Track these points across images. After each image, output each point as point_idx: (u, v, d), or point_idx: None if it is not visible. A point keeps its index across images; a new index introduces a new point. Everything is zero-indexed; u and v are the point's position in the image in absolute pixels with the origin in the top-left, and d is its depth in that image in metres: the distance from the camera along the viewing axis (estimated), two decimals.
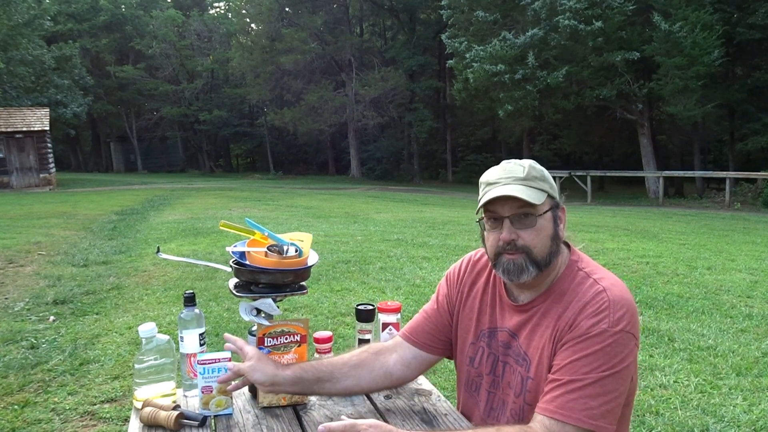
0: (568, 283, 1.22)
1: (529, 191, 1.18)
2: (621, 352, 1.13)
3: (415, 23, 30.96)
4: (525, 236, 1.19)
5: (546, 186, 1.22)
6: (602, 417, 1.10)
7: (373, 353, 1.39)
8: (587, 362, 1.12)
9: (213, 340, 3.80)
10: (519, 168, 1.22)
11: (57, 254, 7.12)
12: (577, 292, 1.20)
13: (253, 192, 19.23)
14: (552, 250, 1.22)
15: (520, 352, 1.26)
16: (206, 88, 36.56)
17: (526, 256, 1.19)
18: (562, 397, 1.11)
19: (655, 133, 22.15)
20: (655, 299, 4.98)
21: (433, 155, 32.68)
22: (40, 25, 24.80)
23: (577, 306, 1.18)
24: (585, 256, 1.30)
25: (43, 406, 2.96)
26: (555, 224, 1.23)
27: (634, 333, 1.16)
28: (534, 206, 1.18)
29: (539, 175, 1.22)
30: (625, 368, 1.13)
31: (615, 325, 1.13)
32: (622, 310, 1.15)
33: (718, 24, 16.91)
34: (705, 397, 3.07)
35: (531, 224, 1.19)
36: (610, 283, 1.19)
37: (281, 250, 1.40)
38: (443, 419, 1.35)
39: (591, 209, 15.86)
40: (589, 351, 1.12)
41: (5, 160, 20.82)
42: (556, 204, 1.24)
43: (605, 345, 1.12)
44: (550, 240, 1.21)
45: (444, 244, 7.78)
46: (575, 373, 1.12)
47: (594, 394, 1.10)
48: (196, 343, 1.45)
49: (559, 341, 1.18)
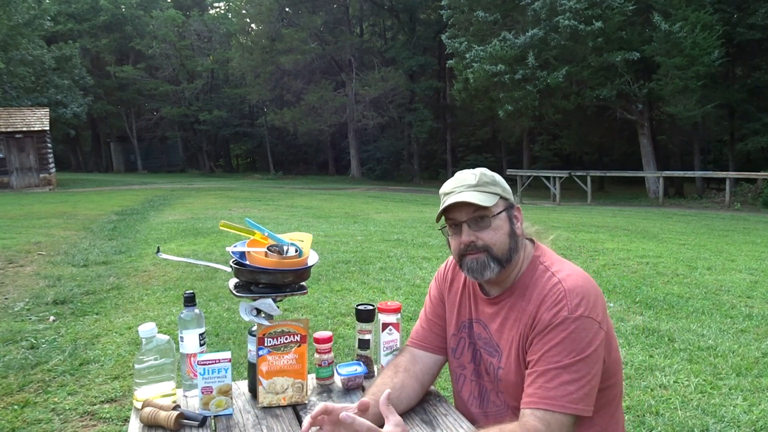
0: (530, 278, 1.32)
1: (480, 195, 1.29)
2: (586, 336, 1.21)
3: (415, 23, 30.96)
4: (483, 236, 1.30)
5: (498, 189, 1.33)
6: (581, 400, 1.18)
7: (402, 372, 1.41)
8: (557, 351, 1.20)
9: (213, 341, 3.80)
10: (471, 176, 1.33)
11: (57, 254, 7.12)
12: (537, 286, 1.29)
13: (253, 192, 19.23)
14: (511, 247, 1.32)
15: (491, 343, 1.36)
16: (206, 88, 36.56)
17: (488, 254, 1.30)
18: (542, 388, 1.19)
19: (655, 133, 22.14)
20: (655, 299, 4.98)
21: (433, 155, 32.68)
22: (40, 25, 24.80)
23: (537, 299, 1.27)
24: (548, 250, 1.39)
25: (43, 406, 2.95)
26: (511, 223, 1.33)
27: (594, 317, 1.22)
28: (487, 208, 1.29)
29: (490, 180, 1.33)
30: (593, 352, 1.21)
31: (574, 311, 1.21)
32: (578, 298, 1.23)
33: (718, 24, 16.89)
34: (705, 397, 3.07)
35: (487, 225, 1.30)
36: (566, 274, 1.28)
37: (281, 250, 1.40)
38: (443, 419, 1.35)
39: (591, 209, 15.87)
40: (557, 340, 1.21)
41: (5, 160, 20.82)
42: (510, 205, 1.35)
43: (569, 332, 1.20)
44: (507, 237, 1.32)
45: (444, 245, 7.76)
46: (548, 362, 1.20)
47: (570, 380, 1.19)
48: (196, 343, 1.45)
49: (527, 338, 1.27)
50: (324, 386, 1.52)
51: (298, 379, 1.40)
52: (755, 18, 17.30)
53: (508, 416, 1.31)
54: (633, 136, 21.87)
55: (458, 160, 30.86)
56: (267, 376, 1.38)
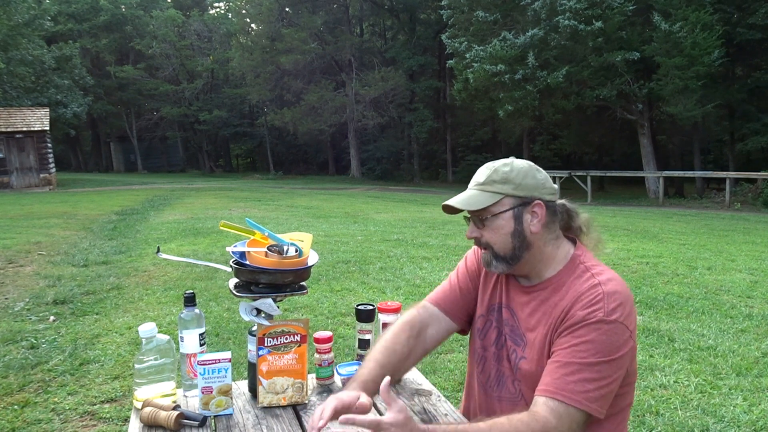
0: (568, 276, 1.30)
1: (479, 196, 1.29)
2: (617, 341, 1.19)
3: (415, 23, 30.94)
4: (485, 234, 1.32)
5: (506, 188, 1.29)
6: (596, 400, 1.17)
7: (415, 336, 1.40)
8: (585, 348, 1.19)
9: (213, 340, 3.80)
10: (486, 171, 1.32)
11: (57, 254, 7.12)
12: (575, 284, 1.27)
13: (253, 192, 19.23)
14: (515, 246, 1.30)
15: (518, 331, 1.34)
16: (206, 88, 36.54)
17: (491, 251, 1.32)
18: (561, 379, 1.18)
19: (655, 133, 22.13)
20: (655, 299, 4.98)
21: (433, 155, 32.67)
22: (40, 25, 24.79)
23: (573, 296, 1.25)
24: (589, 252, 1.36)
25: (43, 406, 2.95)
26: (517, 222, 1.29)
27: (628, 325, 1.21)
28: (483, 210, 1.29)
29: (499, 179, 1.30)
30: (620, 357, 1.19)
31: (610, 315, 1.19)
32: (616, 302, 1.21)
33: (718, 24, 16.89)
34: (705, 397, 3.07)
35: (488, 224, 1.30)
36: (607, 278, 1.25)
37: (281, 250, 1.40)
38: (443, 419, 1.35)
39: (591, 209, 15.86)
40: (587, 338, 1.19)
41: (5, 160, 20.82)
42: (523, 202, 1.29)
43: (601, 333, 1.19)
44: (510, 237, 1.29)
45: (444, 244, 7.78)
46: (574, 356, 1.19)
47: (590, 378, 1.17)
48: (196, 343, 1.45)
49: (555, 330, 1.25)
50: (324, 386, 1.52)
51: (298, 379, 1.40)
52: (755, 18, 17.29)
53: (521, 406, 1.30)
54: (633, 136, 21.87)
55: (458, 160, 30.85)
56: (267, 376, 1.38)
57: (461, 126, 30.88)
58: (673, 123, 20.60)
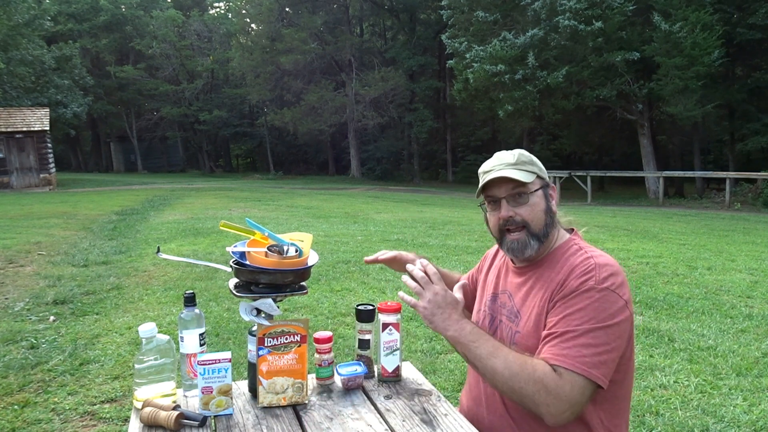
0: (562, 254, 1.38)
1: (519, 173, 1.35)
2: (609, 308, 1.23)
3: (415, 23, 30.95)
4: (521, 212, 1.37)
5: (535, 168, 1.39)
6: (595, 367, 1.20)
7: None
8: (578, 316, 1.23)
9: (213, 341, 3.80)
10: (509, 155, 1.40)
11: (57, 254, 7.12)
12: (569, 260, 1.34)
13: (253, 192, 19.23)
14: (547, 222, 1.38)
15: (513, 310, 1.42)
16: (206, 89, 36.54)
17: (526, 231, 1.37)
18: (557, 347, 1.23)
19: (655, 133, 22.14)
20: (655, 299, 4.98)
21: (433, 155, 32.67)
22: (40, 25, 24.79)
23: (567, 270, 1.32)
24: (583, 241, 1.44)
25: (43, 406, 2.95)
26: (547, 200, 1.39)
27: (621, 295, 1.25)
28: (525, 185, 1.35)
29: (527, 160, 1.39)
30: (615, 324, 1.23)
31: (601, 283, 1.25)
32: (607, 272, 1.27)
33: (718, 24, 16.89)
34: (705, 397, 3.07)
35: (525, 201, 1.37)
36: (599, 254, 1.34)
37: (281, 250, 1.40)
38: (443, 419, 1.35)
39: (591, 209, 15.86)
40: (580, 306, 1.24)
41: (5, 160, 20.82)
42: (546, 183, 1.41)
43: (593, 300, 1.24)
44: (544, 214, 1.38)
45: (444, 245, 7.78)
46: (568, 325, 1.23)
47: (586, 344, 1.21)
48: (196, 343, 1.45)
49: (550, 301, 1.31)
50: (324, 386, 1.52)
51: (298, 379, 1.40)
52: (755, 18, 17.30)
53: None
54: (633, 136, 21.87)
55: (458, 160, 30.85)
56: (267, 376, 1.38)
57: (461, 126, 30.88)
58: (673, 123, 20.61)
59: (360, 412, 1.38)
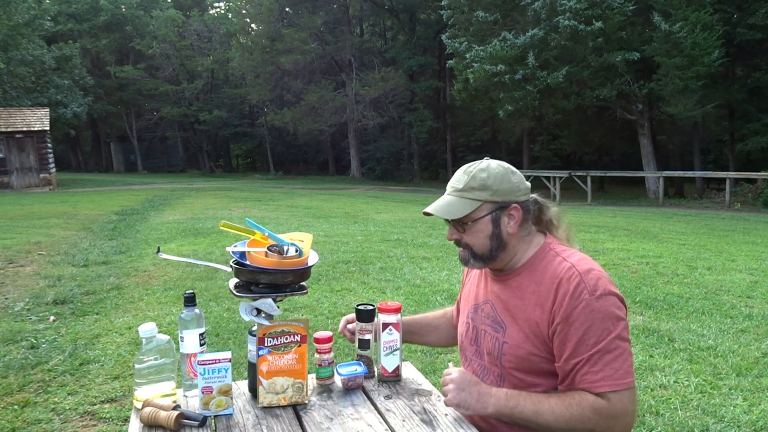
0: (540, 261, 1.38)
1: (458, 204, 1.36)
2: (611, 311, 1.25)
3: (415, 23, 30.93)
4: (465, 237, 1.39)
5: (484, 195, 1.35)
6: (628, 374, 1.24)
7: (447, 319, 1.74)
8: (591, 335, 1.24)
9: (213, 341, 3.80)
10: (461, 179, 1.37)
11: (57, 254, 7.12)
12: (548, 268, 1.34)
13: (253, 192, 19.23)
14: (493, 247, 1.38)
15: (497, 319, 1.41)
16: (206, 89, 36.53)
17: (470, 251, 1.40)
18: (589, 374, 1.24)
19: (655, 133, 22.12)
20: (655, 299, 4.97)
21: (433, 155, 32.66)
22: (40, 25, 24.78)
23: (551, 282, 1.30)
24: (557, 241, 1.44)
25: (43, 406, 2.95)
26: (495, 225, 1.37)
27: (611, 291, 1.27)
28: (463, 216, 1.35)
29: (478, 185, 1.35)
30: (621, 321, 1.26)
31: (593, 292, 1.25)
32: (594, 278, 1.27)
33: (718, 24, 16.88)
34: (705, 397, 3.07)
35: (468, 229, 1.38)
36: (578, 259, 1.33)
37: (281, 250, 1.40)
38: (443, 419, 1.35)
39: (591, 209, 15.86)
40: (587, 324, 1.24)
41: (5, 160, 20.82)
42: (501, 206, 1.36)
43: (595, 312, 1.24)
44: (488, 239, 1.37)
45: (444, 245, 7.78)
46: (588, 348, 1.24)
47: (613, 359, 1.23)
48: (196, 343, 1.45)
49: (549, 324, 1.29)
50: (324, 386, 1.52)
51: (298, 379, 1.40)
52: (755, 18, 17.29)
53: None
54: (633, 136, 21.86)
55: (458, 160, 30.81)
56: (267, 376, 1.38)
57: (461, 126, 30.87)
58: (673, 123, 20.60)
59: (360, 412, 1.38)
